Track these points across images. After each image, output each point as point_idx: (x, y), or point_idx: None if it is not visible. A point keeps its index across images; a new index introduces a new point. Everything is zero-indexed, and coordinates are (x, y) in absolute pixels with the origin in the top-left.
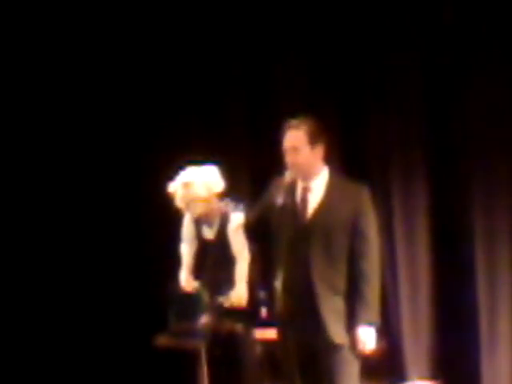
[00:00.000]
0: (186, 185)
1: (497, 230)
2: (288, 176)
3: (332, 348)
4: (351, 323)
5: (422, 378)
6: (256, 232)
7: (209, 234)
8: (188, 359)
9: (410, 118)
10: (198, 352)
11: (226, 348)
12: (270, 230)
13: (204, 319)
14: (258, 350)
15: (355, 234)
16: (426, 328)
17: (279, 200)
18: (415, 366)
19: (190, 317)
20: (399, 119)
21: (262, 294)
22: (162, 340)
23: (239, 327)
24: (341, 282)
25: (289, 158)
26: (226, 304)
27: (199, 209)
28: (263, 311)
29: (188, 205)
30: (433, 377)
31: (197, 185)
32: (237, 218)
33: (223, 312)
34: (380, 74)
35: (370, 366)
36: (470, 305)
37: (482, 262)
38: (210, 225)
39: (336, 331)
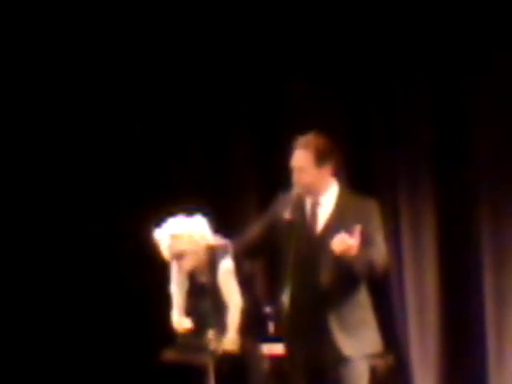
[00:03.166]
0: (175, 237)
1: (505, 240)
2: (295, 191)
3: (341, 361)
4: None
5: None
6: (258, 249)
7: (201, 277)
8: (195, 374)
9: (417, 133)
10: (206, 367)
11: (234, 363)
12: (275, 245)
13: (211, 334)
14: (266, 365)
15: (363, 239)
16: (433, 342)
17: (287, 215)
18: (423, 378)
19: (198, 332)
20: (406, 135)
21: (268, 309)
22: (169, 355)
23: (246, 342)
24: (350, 296)
25: (295, 177)
26: (219, 349)
27: (188, 263)
28: (270, 326)
29: (176, 258)
30: None
31: (186, 239)
32: (225, 264)
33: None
34: (387, 92)
35: (378, 379)
36: (478, 318)
37: (489, 273)
38: (200, 269)
39: (345, 343)
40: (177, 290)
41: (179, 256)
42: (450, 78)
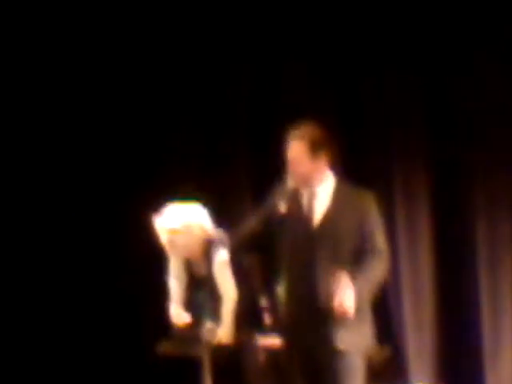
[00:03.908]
0: (173, 231)
1: (499, 234)
2: (291, 183)
3: (336, 354)
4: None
5: (425, 382)
6: (255, 242)
7: (199, 269)
8: (191, 367)
9: (411, 129)
10: (201, 359)
11: (229, 355)
12: (272, 238)
13: (207, 326)
14: (262, 357)
15: (363, 235)
16: (429, 333)
17: (283, 207)
18: (419, 370)
19: (194, 324)
20: (400, 130)
21: (264, 301)
22: (165, 347)
23: (242, 334)
24: None
25: (290, 168)
26: (214, 340)
27: (185, 254)
28: (266, 318)
29: (172, 249)
30: (436, 381)
31: (185, 231)
32: (221, 256)
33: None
34: (381, 86)
35: (373, 370)
36: (473, 309)
37: (484, 267)
38: (197, 261)
39: (340, 337)
40: (175, 283)
41: (177, 248)
42: (445, 74)
